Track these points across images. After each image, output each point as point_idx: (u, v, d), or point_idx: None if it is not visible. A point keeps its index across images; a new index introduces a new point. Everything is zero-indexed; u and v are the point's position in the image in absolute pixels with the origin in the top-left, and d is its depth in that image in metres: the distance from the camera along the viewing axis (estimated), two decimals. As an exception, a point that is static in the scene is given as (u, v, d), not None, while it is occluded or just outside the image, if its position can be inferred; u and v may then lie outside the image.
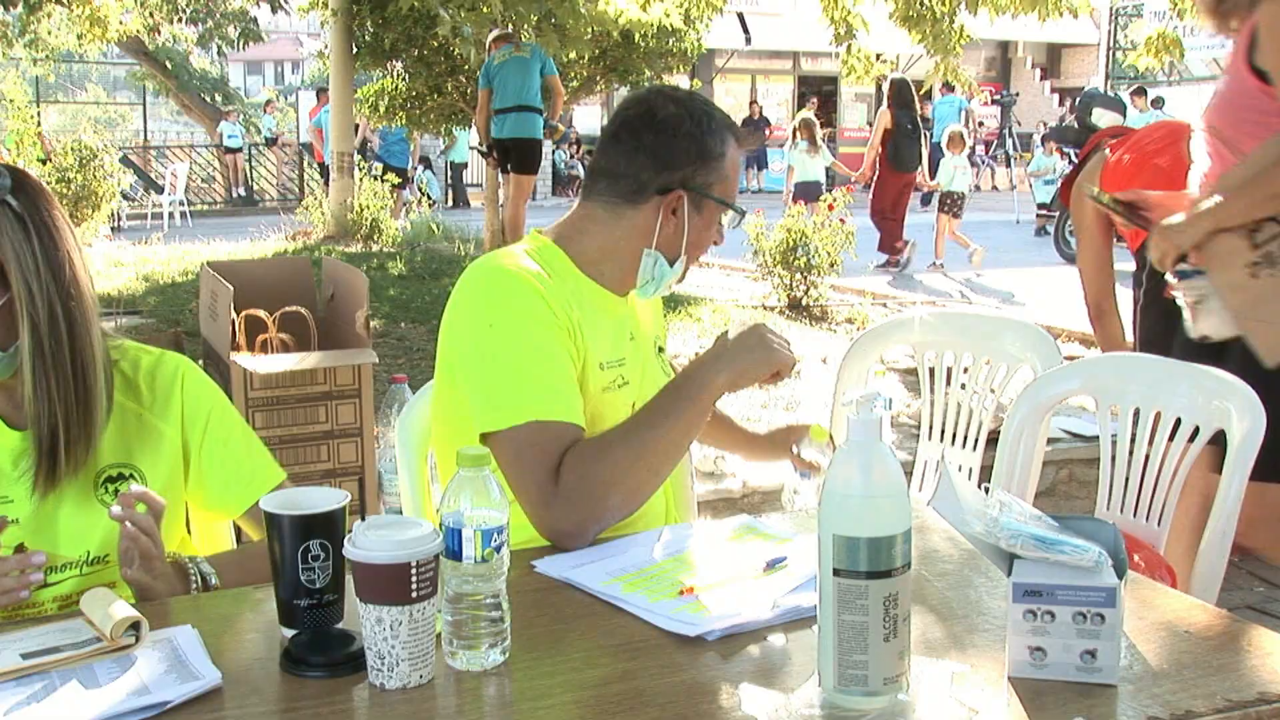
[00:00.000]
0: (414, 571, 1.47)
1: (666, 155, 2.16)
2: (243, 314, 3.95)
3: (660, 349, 2.39)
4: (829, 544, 1.41)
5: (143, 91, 30.65)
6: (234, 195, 23.64)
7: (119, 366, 2.04)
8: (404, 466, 2.29)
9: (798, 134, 14.07)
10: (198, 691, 1.48)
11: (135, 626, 1.62)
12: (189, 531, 2.19)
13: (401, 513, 2.16)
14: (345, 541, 1.52)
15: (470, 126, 14.27)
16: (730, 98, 27.58)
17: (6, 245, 1.86)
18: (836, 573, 1.41)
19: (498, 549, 1.53)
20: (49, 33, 22.05)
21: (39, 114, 18.98)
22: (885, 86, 13.46)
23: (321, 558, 1.62)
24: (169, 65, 26.02)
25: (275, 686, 1.53)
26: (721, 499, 4.52)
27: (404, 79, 13.81)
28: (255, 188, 24.04)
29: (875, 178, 13.33)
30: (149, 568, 1.84)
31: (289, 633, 1.64)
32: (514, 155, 10.85)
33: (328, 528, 1.63)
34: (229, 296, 3.75)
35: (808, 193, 12.90)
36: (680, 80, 16.49)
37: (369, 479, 3.72)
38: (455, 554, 1.52)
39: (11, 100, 17.20)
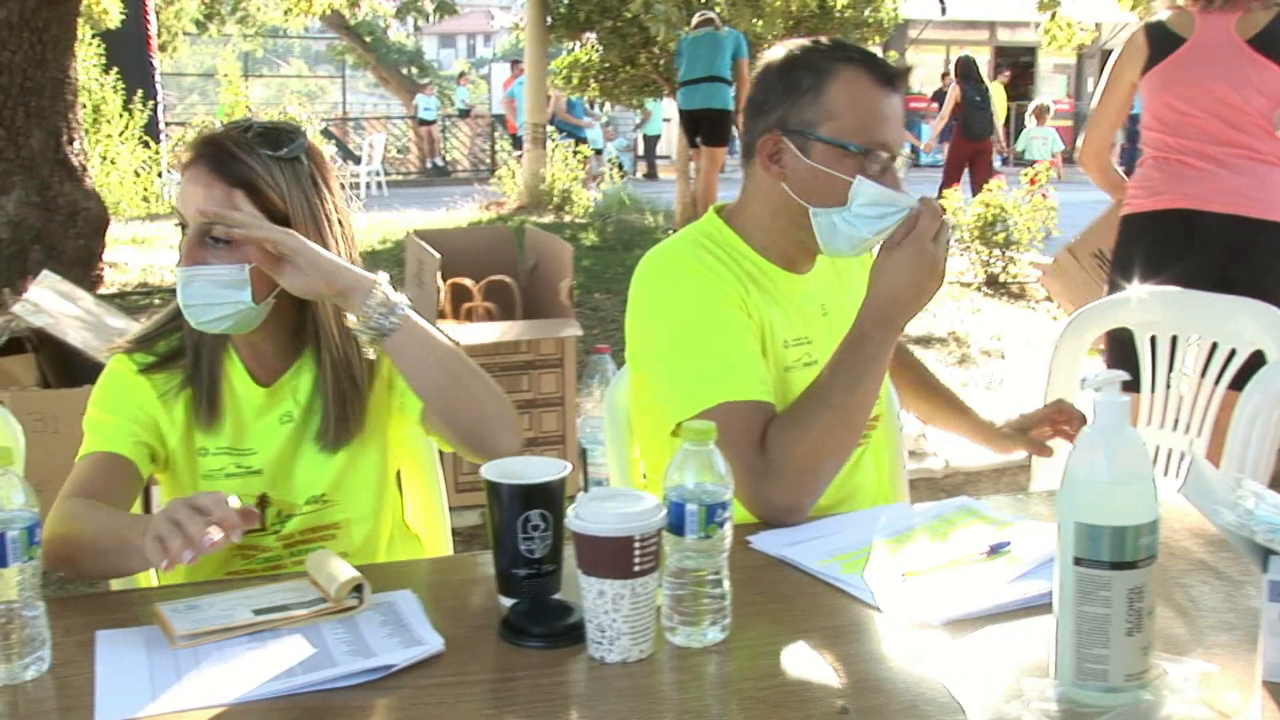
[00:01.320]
0: (637, 546, 1.45)
1: (759, 104, 2.07)
2: (449, 282, 4.01)
3: None
4: (1070, 532, 1.34)
5: (342, 65, 31.51)
6: (428, 166, 24.14)
7: None
8: (611, 440, 2.28)
9: None
10: (420, 657, 1.49)
11: (358, 589, 1.65)
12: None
13: (603, 484, 2.15)
14: (568, 512, 1.51)
15: (663, 99, 14.28)
16: (923, 69, 27.03)
17: (297, 197, 1.92)
18: (1078, 562, 1.34)
19: (721, 525, 1.51)
20: (258, 9, 22.84)
21: (247, 88, 19.61)
22: (953, 65, 14.42)
23: (541, 528, 1.62)
24: (368, 39, 26.69)
25: (494, 655, 1.54)
26: (922, 478, 4.43)
27: (597, 51, 13.88)
28: (448, 158, 24.50)
29: (948, 146, 14.12)
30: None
31: (507, 602, 1.64)
32: (704, 127, 10.81)
33: (548, 498, 1.62)
34: (435, 265, 3.81)
35: None
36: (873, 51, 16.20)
37: (570, 449, 3.74)
38: (678, 529, 1.50)
39: (225, 75, 17.82)
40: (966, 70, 13.65)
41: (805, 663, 1.50)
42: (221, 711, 1.39)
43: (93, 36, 13.14)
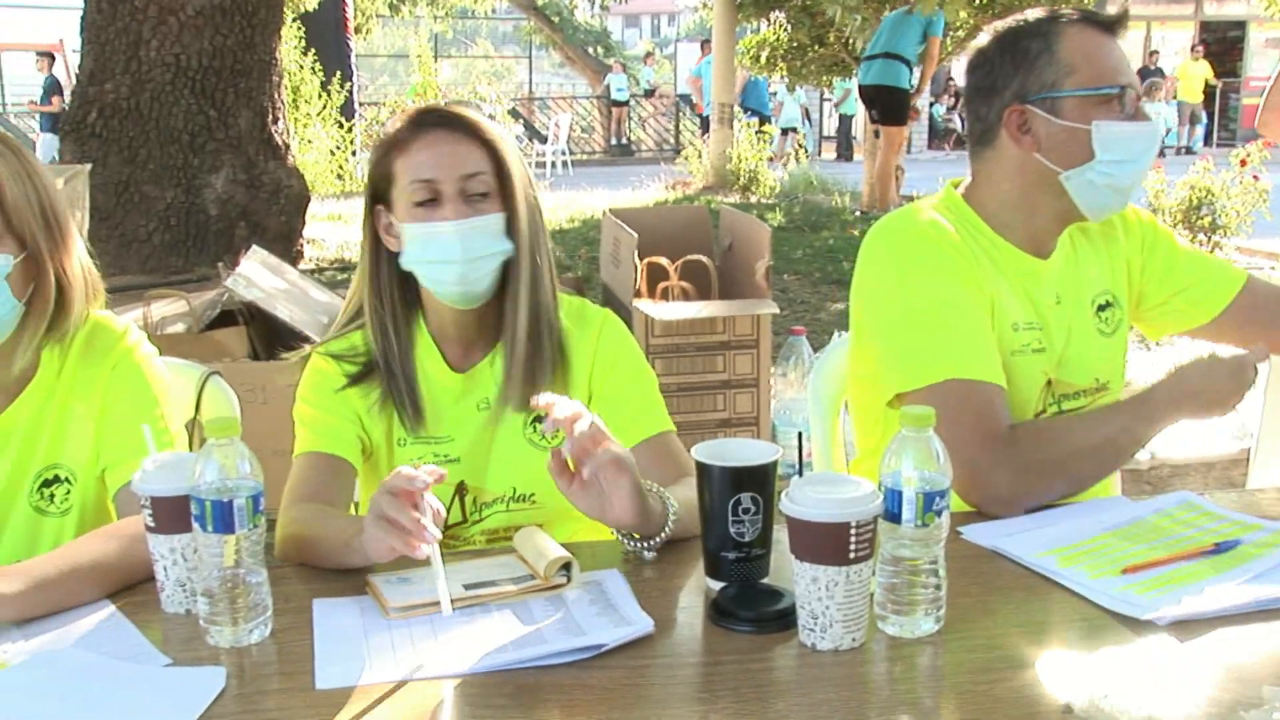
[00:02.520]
0: (853, 532, 1.42)
1: (989, 85, 2.06)
2: (645, 261, 4.01)
3: (1104, 304, 2.19)
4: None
5: (528, 46, 31.89)
6: (613, 145, 24.30)
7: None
8: (817, 421, 2.25)
9: None
10: (630, 637, 1.48)
11: (566, 567, 1.65)
12: None
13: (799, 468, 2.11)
14: (782, 497, 1.48)
15: (853, 78, 14.11)
16: (1124, 45, 26.07)
17: (515, 171, 1.95)
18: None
19: (939, 514, 1.47)
20: (449, -10, 23.28)
21: (436, 68, 20.00)
22: None
23: (752, 511, 1.60)
24: (555, 19, 26.96)
25: (703, 638, 1.53)
26: (1127, 469, 4.26)
27: (785, 29, 13.76)
28: (632, 138, 24.63)
29: None
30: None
31: (715, 585, 1.63)
32: (878, 104, 10.66)
33: (759, 481, 1.60)
34: (633, 243, 3.81)
35: None
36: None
37: (763, 430, 3.72)
38: (894, 516, 1.47)
39: (418, 56, 18.21)
40: None
41: (1023, 658, 1.45)
42: (436, 683, 1.40)
43: (294, 19, 13.55)
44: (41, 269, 1.85)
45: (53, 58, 19.45)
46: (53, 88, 18.74)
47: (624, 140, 24.42)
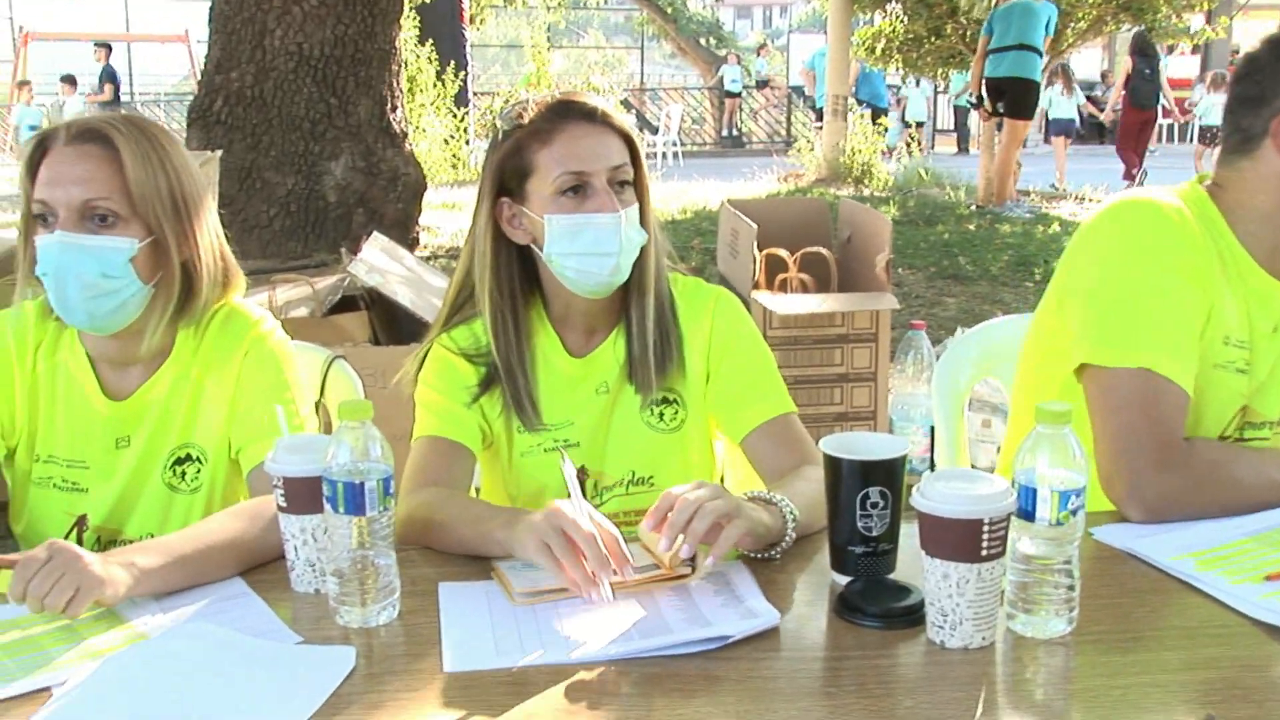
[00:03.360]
0: (985, 529, 1.40)
1: (1257, 94, 1.94)
2: (764, 253, 3.99)
3: None
4: None
5: (639, 36, 31.91)
6: (723, 136, 24.24)
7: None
8: (941, 417, 2.22)
9: (1054, 77, 15.45)
10: (757, 629, 1.48)
11: (691, 558, 1.65)
12: None
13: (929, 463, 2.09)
14: (913, 492, 1.46)
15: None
16: (1253, 39, 25.34)
17: (643, 161, 1.99)
18: None
19: (1074, 512, 1.43)
20: (562, -20, 23.41)
21: (549, 58, 20.10)
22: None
23: (880, 505, 1.58)
24: (668, 10, 26.95)
25: (829, 632, 1.52)
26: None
27: (902, 21, 13.61)
28: (743, 129, 24.55)
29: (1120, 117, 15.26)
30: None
31: (841, 579, 1.62)
32: (1007, 96, 10.47)
33: (888, 475, 1.58)
34: (752, 234, 3.80)
35: (1063, 129, 16.14)
36: (1196, 20, 15.41)
37: (880, 425, 3.68)
38: (1028, 514, 1.44)
39: (533, 45, 18.32)
40: (1141, 45, 14.58)
41: (1160, 663, 1.41)
42: (562, 669, 1.41)
43: (411, 9, 13.70)
44: (166, 253, 1.89)
45: (109, 49, 19.92)
46: (109, 76, 19.20)
47: (735, 132, 24.34)
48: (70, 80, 18.89)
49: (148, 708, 1.35)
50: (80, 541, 1.94)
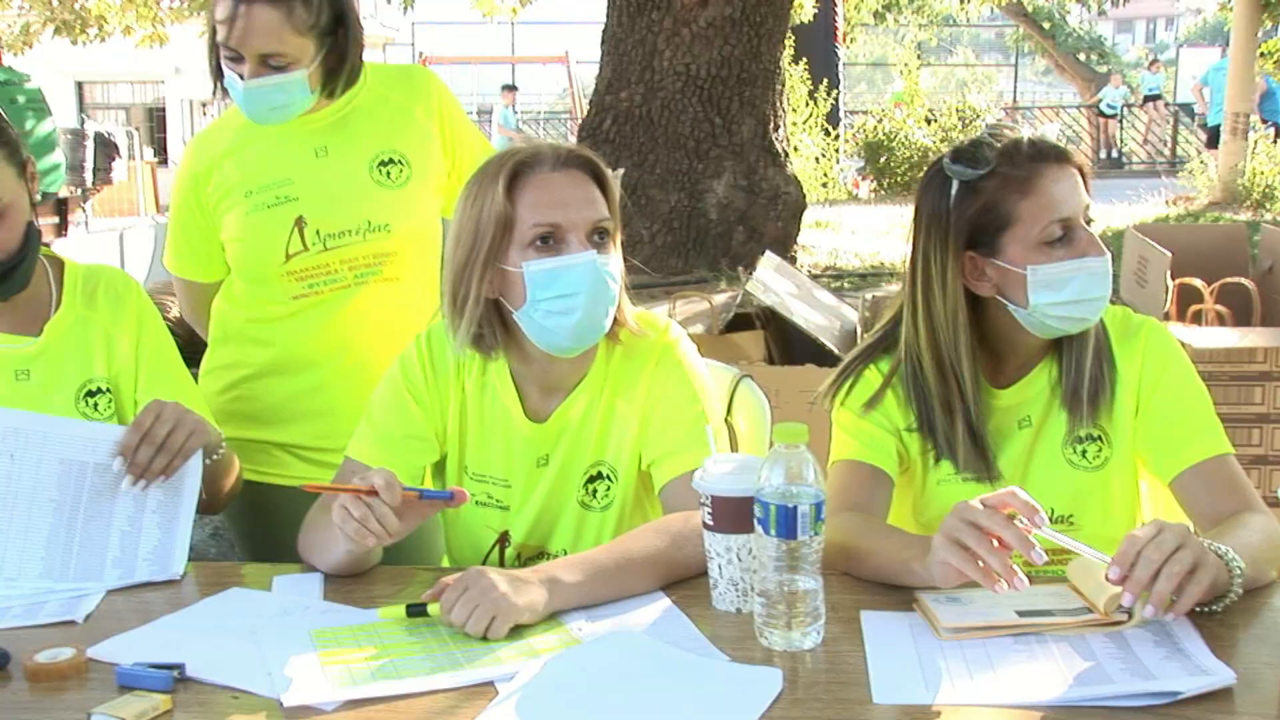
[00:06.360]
0: None
1: None
2: (1176, 282, 3.80)
3: None
4: None
5: (1011, 53, 31.04)
6: (1100, 157, 23.25)
7: None
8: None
9: None
10: (1209, 688, 1.39)
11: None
12: None
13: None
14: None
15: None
16: None
17: None
18: None
19: None
20: (937, -1, 23.09)
21: (918, 76, 19.82)
22: None
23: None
24: (1046, 25, 26.11)
25: (1286, 696, 1.40)
26: None
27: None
28: (1123, 149, 23.46)
29: None
30: None
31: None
32: None
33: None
34: (1165, 263, 3.62)
35: None
36: None
37: (1308, 470, 3.44)
38: None
39: (906, 64, 18.14)
40: None
41: None
42: (997, 712, 1.36)
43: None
44: None
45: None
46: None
47: (1114, 153, 23.29)
48: (510, 89, 19.75)
49: (585, 711, 1.40)
50: (502, 558, 2.04)
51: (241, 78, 2.23)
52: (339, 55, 2.31)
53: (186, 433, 1.94)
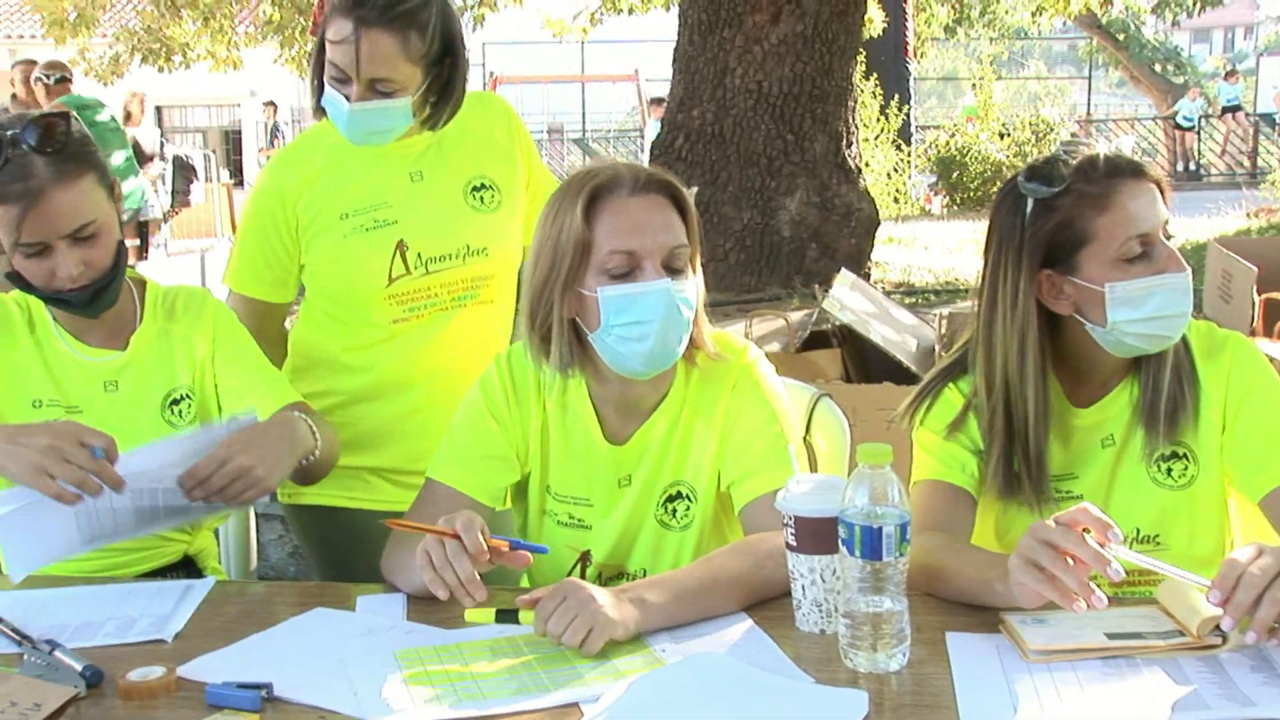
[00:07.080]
0: None
1: None
2: (1263, 297, 3.73)
3: None
4: None
5: (1084, 65, 30.73)
6: (1177, 170, 22.92)
7: None
8: None
9: None
10: (1312, 713, 1.36)
11: (1219, 627, 1.54)
12: None
13: None
14: None
15: None
16: None
17: None
18: None
19: None
20: (1006, 11, 22.89)
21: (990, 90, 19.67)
22: None
23: None
24: (1120, 37, 25.83)
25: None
26: None
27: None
28: (1201, 161, 23.12)
29: None
30: None
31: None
32: None
33: None
34: (1250, 277, 3.56)
35: None
36: None
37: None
38: None
39: (980, 77, 18.00)
40: None
41: None
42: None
43: (858, 44, 13.78)
44: None
45: (276, 106, 21.02)
46: (275, 132, 20.33)
47: (1192, 165, 22.95)
48: (657, 102, 19.77)
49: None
50: (583, 577, 2.04)
51: (347, 99, 2.25)
52: (444, 85, 2.33)
53: (244, 486, 1.92)
